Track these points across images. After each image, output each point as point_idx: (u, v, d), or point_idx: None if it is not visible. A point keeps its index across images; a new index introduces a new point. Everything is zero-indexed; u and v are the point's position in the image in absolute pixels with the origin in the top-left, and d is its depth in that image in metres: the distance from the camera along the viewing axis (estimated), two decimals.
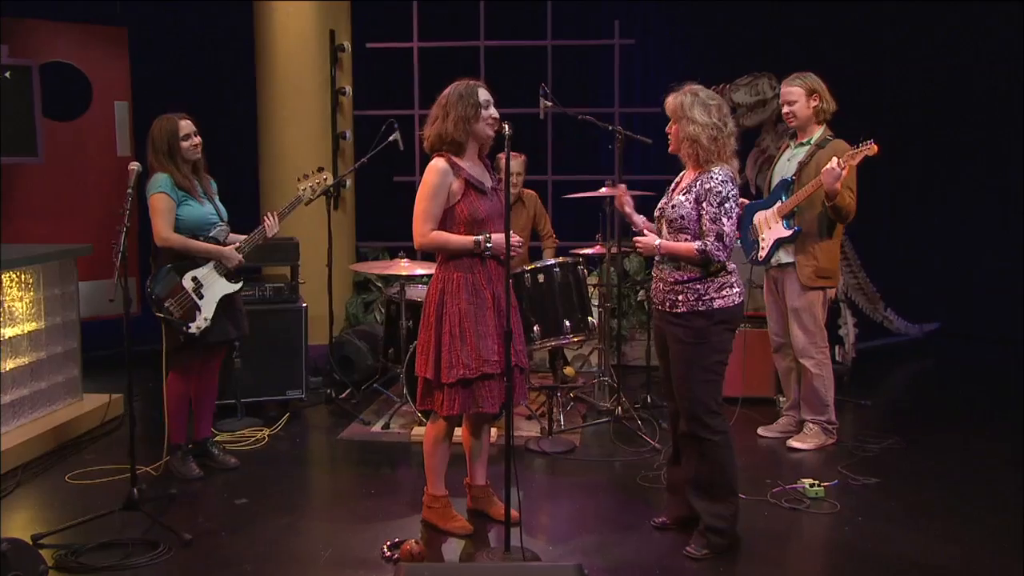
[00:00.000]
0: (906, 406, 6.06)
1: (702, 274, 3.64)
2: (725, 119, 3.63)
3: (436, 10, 7.68)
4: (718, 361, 3.68)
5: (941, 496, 4.37)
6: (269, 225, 4.68)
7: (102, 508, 4.04)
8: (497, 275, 3.85)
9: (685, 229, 3.66)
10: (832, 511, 4.16)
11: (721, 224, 3.56)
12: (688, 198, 3.65)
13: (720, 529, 3.68)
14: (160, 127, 4.47)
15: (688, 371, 3.67)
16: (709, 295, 3.63)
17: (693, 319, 3.64)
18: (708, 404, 3.67)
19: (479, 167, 3.94)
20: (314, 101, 7.02)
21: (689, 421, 3.70)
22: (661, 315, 3.77)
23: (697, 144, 3.61)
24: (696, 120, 3.59)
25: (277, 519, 4.13)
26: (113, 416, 5.60)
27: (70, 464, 4.85)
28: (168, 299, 4.42)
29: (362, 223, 7.67)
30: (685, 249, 3.62)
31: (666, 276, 3.72)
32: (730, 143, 3.64)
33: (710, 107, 3.61)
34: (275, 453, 5.09)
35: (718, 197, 3.57)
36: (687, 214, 3.64)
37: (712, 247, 3.56)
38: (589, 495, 4.46)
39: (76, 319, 5.59)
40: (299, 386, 5.82)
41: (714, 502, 3.70)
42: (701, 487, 3.72)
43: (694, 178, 3.68)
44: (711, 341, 3.64)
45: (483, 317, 3.79)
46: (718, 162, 3.62)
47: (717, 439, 3.68)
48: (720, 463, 3.69)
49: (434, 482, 4.02)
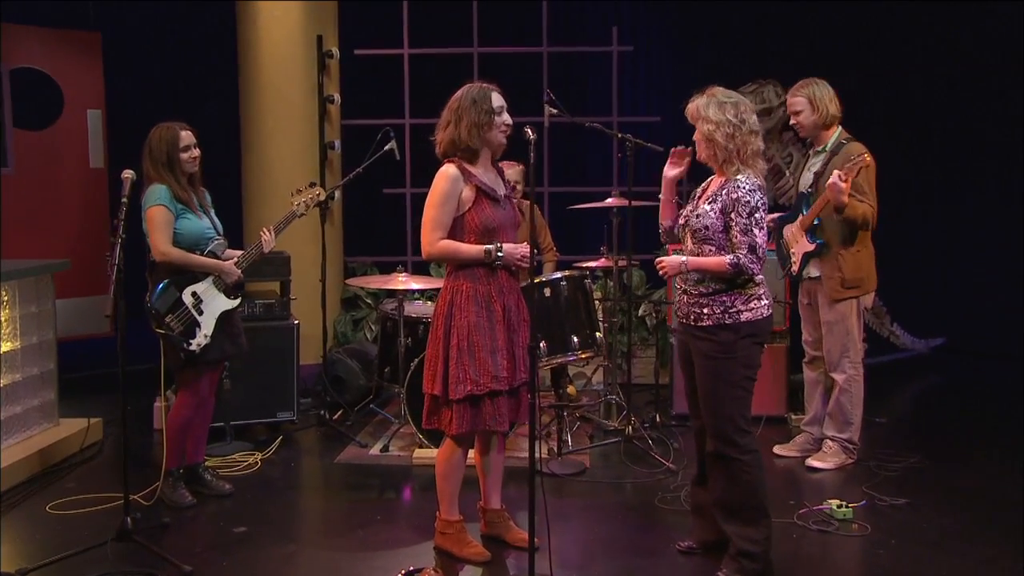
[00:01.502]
0: (922, 424, 6.05)
1: (728, 286, 3.58)
2: (743, 116, 3.55)
3: (427, 15, 7.62)
4: (746, 376, 3.61)
5: (976, 518, 4.31)
6: (266, 240, 4.59)
7: (91, 539, 3.92)
8: (509, 287, 3.79)
9: (710, 240, 3.59)
10: (863, 533, 4.10)
11: (753, 235, 3.50)
12: (713, 207, 3.58)
13: (753, 553, 3.60)
14: (159, 136, 4.36)
15: (715, 387, 3.60)
16: (736, 308, 3.56)
17: (720, 333, 3.57)
18: (736, 421, 3.60)
19: (492, 174, 3.88)
20: (301, 110, 6.91)
21: (716, 439, 3.63)
22: (686, 329, 3.71)
23: (713, 143, 3.56)
24: (710, 118, 3.55)
25: (280, 548, 4.01)
26: (92, 441, 5.45)
27: (51, 493, 4.69)
28: (168, 315, 4.30)
29: (349, 237, 7.56)
30: (716, 264, 3.55)
31: (691, 288, 3.65)
32: (751, 141, 3.56)
33: (725, 105, 3.56)
34: (269, 478, 4.97)
35: (747, 207, 3.51)
36: (712, 224, 3.57)
37: (745, 260, 3.50)
38: (606, 518, 4.38)
39: (53, 338, 5.44)
40: (290, 408, 5.70)
41: (745, 525, 3.62)
42: (730, 509, 3.65)
43: (719, 186, 3.62)
44: (738, 355, 3.57)
45: (493, 331, 3.71)
46: (741, 166, 3.56)
47: (746, 458, 3.60)
48: (750, 484, 3.62)
49: (447, 507, 3.92)
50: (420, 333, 5.62)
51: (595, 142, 7.78)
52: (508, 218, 3.81)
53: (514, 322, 3.77)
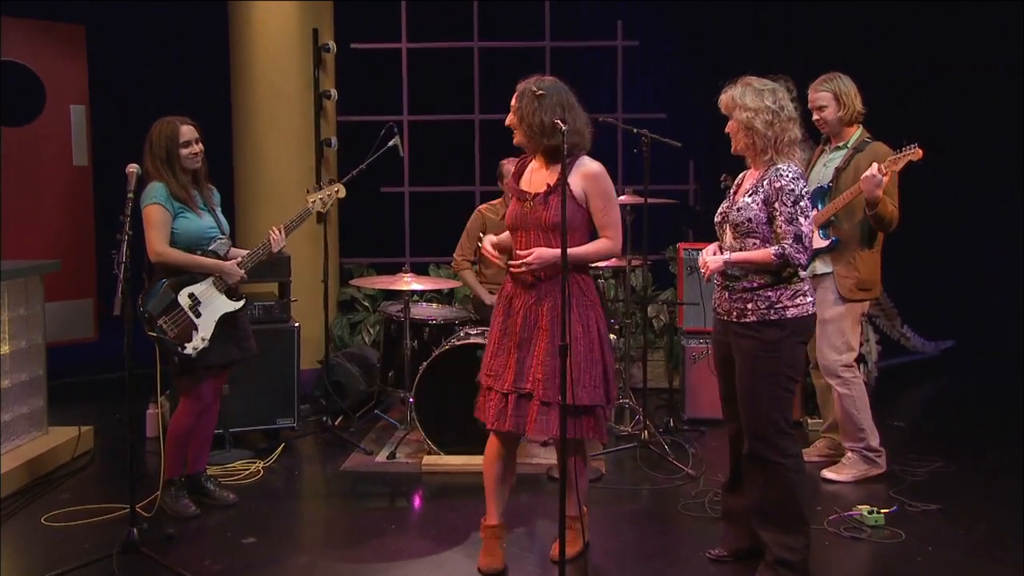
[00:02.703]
0: (941, 427, 6.02)
1: (773, 280, 3.53)
2: (782, 103, 3.51)
3: (425, 8, 7.54)
4: (789, 376, 3.55)
5: (1013, 525, 4.26)
6: (275, 239, 4.47)
7: (93, 552, 3.82)
8: (534, 291, 3.67)
9: (753, 233, 3.54)
10: (897, 540, 4.06)
11: (799, 224, 3.45)
12: (755, 199, 3.53)
13: (791, 562, 3.54)
14: (159, 131, 4.25)
15: (756, 386, 3.54)
16: (782, 303, 3.51)
17: (764, 330, 3.51)
18: (777, 423, 3.53)
19: (542, 173, 3.79)
20: (296, 105, 6.82)
21: (755, 441, 3.57)
22: (726, 327, 3.65)
23: (752, 131, 3.51)
24: (748, 106, 3.50)
25: (295, 559, 3.92)
26: (84, 451, 5.32)
27: (45, 504, 4.56)
28: (161, 317, 4.18)
29: (343, 237, 7.46)
30: (760, 257, 3.50)
31: (733, 284, 3.59)
32: (790, 128, 3.51)
33: (763, 92, 3.52)
34: (273, 487, 4.87)
35: (792, 195, 3.46)
36: (755, 216, 3.52)
37: (791, 250, 3.45)
38: (630, 526, 4.33)
39: (42, 343, 5.31)
40: (290, 414, 5.58)
41: (784, 532, 3.55)
42: (768, 515, 3.59)
43: (759, 177, 3.57)
44: (783, 354, 3.51)
45: (503, 330, 3.71)
46: (776, 155, 3.51)
47: (786, 462, 3.54)
48: (789, 488, 3.55)
49: (487, 508, 3.87)
50: (426, 336, 5.54)
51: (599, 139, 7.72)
52: (531, 218, 3.69)
53: (529, 328, 3.66)
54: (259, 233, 5.09)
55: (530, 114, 3.61)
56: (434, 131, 7.64)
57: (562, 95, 3.63)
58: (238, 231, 6.69)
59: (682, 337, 6.00)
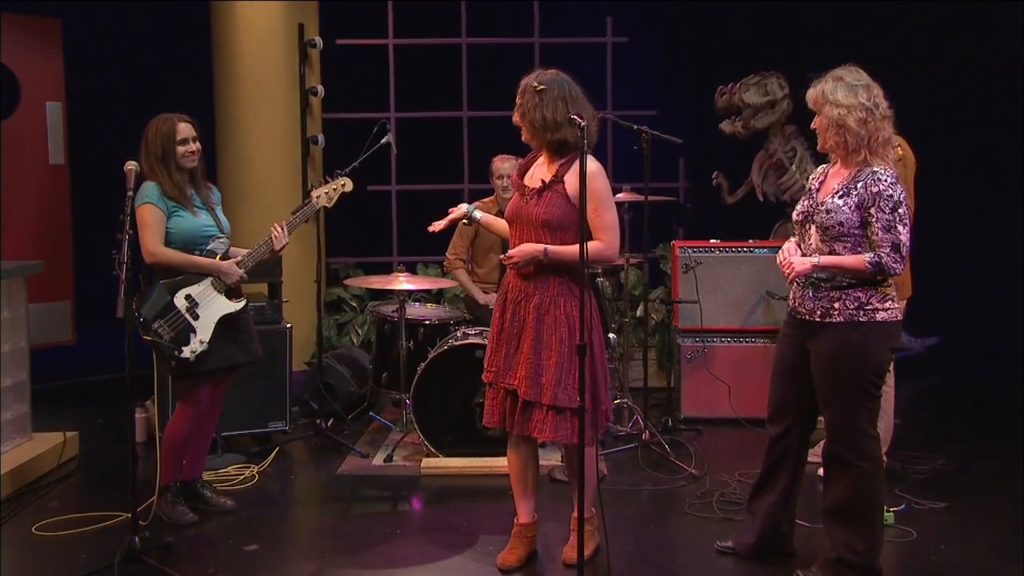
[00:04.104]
0: (937, 424, 6.04)
1: (863, 281, 3.43)
2: (876, 100, 3.40)
3: (412, 4, 7.46)
4: (873, 382, 3.45)
5: (1022, 524, 4.27)
6: (277, 237, 4.35)
7: (90, 562, 3.74)
8: (524, 289, 3.63)
9: (844, 237, 3.42)
10: (908, 538, 4.04)
11: (897, 233, 3.34)
12: (847, 202, 3.40)
13: (851, 563, 3.49)
14: (155, 128, 4.15)
15: (838, 389, 3.46)
16: (872, 305, 3.41)
17: (850, 332, 3.41)
18: (861, 427, 3.47)
19: (543, 167, 3.71)
20: (281, 102, 6.72)
21: (835, 443, 3.52)
22: (808, 326, 3.53)
23: (844, 129, 3.39)
24: (840, 103, 3.38)
25: (301, 566, 3.84)
26: (69, 457, 5.20)
27: (33, 513, 4.43)
28: (157, 321, 4.06)
29: (329, 237, 7.36)
30: (853, 263, 3.38)
31: (820, 282, 3.49)
32: (884, 127, 3.41)
33: (856, 88, 3.40)
34: (270, 492, 4.77)
35: (890, 202, 3.34)
36: (847, 220, 3.39)
37: (888, 259, 3.33)
38: (637, 527, 4.27)
39: (25, 347, 5.18)
40: (282, 417, 5.48)
41: (851, 533, 3.50)
42: (839, 514, 3.53)
43: (850, 178, 3.44)
44: (869, 357, 3.41)
45: (502, 325, 3.66)
46: (869, 155, 3.40)
47: (865, 465, 3.47)
48: (866, 491, 3.49)
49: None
50: (421, 336, 5.48)
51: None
52: (523, 213, 3.64)
53: (518, 324, 3.61)
54: (244, 233, 5.02)
55: (531, 110, 3.55)
56: (422, 128, 7.56)
57: (564, 88, 3.55)
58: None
59: (677, 335, 5.97)
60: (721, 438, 5.60)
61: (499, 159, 5.97)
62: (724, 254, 5.91)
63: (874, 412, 3.51)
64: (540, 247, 3.52)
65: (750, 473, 4.84)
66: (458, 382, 5.01)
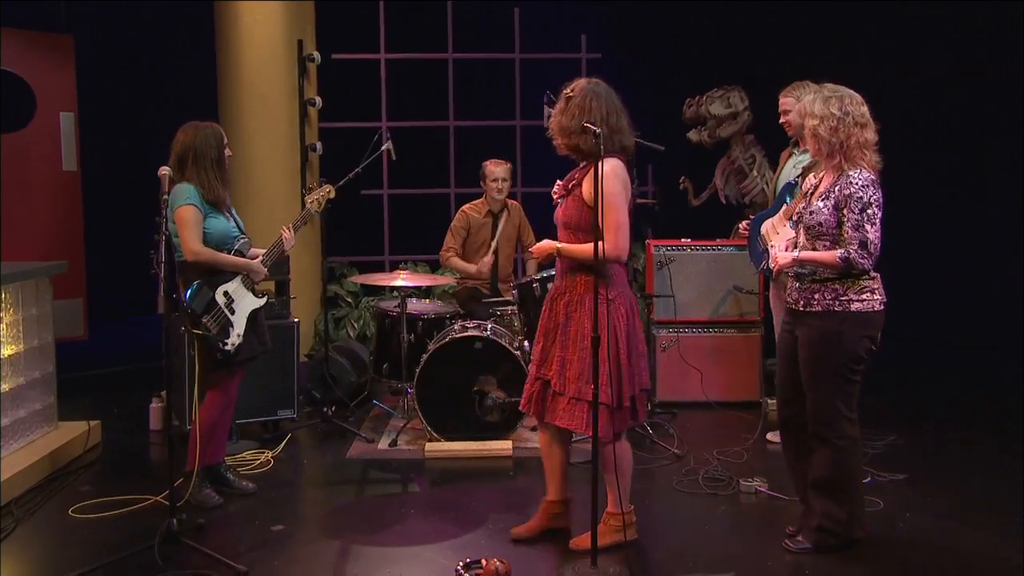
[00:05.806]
0: (885, 404, 6.09)
1: (841, 275, 3.52)
2: (847, 108, 3.46)
3: (403, 21, 7.42)
4: (849, 367, 3.53)
5: (977, 490, 4.38)
6: (286, 238, 4.37)
7: (129, 543, 3.68)
8: (559, 288, 3.67)
9: (823, 236, 3.53)
10: (876, 508, 4.10)
11: (864, 231, 3.43)
12: (827, 204, 3.51)
13: (830, 530, 3.62)
14: (205, 135, 4.11)
15: (816, 373, 3.56)
16: (848, 296, 3.50)
17: (827, 320, 3.51)
18: (838, 409, 3.56)
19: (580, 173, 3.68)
20: (281, 112, 6.64)
21: (815, 421, 3.60)
22: (795, 315, 3.64)
23: (818, 138, 3.51)
24: (815, 114, 3.50)
25: (326, 544, 3.82)
26: (94, 443, 5.13)
27: (66, 497, 4.37)
28: (205, 315, 4.03)
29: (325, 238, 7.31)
30: (826, 258, 3.49)
31: (805, 274, 3.60)
32: (856, 133, 3.46)
33: (830, 99, 3.49)
34: (286, 476, 4.74)
35: (859, 203, 3.44)
36: (825, 220, 3.50)
37: (855, 255, 3.43)
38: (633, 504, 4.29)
39: (51, 341, 5.09)
40: (291, 405, 5.44)
41: (831, 503, 3.61)
42: (820, 486, 3.63)
43: (832, 182, 3.55)
44: (843, 344, 3.50)
45: (545, 321, 3.69)
46: (844, 160, 3.48)
47: (842, 443, 3.57)
48: (843, 467, 3.60)
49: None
50: (419, 330, 5.47)
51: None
52: (559, 216, 3.68)
53: (554, 320, 3.63)
54: (248, 233, 4.96)
55: (557, 114, 3.58)
56: (411, 136, 7.52)
57: (587, 97, 3.52)
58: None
59: (653, 327, 6.01)
60: (695, 420, 5.65)
61: (492, 163, 5.95)
62: (694, 252, 5.96)
63: (852, 395, 3.59)
64: (555, 244, 3.56)
65: (728, 451, 4.94)
66: (458, 371, 5.01)
